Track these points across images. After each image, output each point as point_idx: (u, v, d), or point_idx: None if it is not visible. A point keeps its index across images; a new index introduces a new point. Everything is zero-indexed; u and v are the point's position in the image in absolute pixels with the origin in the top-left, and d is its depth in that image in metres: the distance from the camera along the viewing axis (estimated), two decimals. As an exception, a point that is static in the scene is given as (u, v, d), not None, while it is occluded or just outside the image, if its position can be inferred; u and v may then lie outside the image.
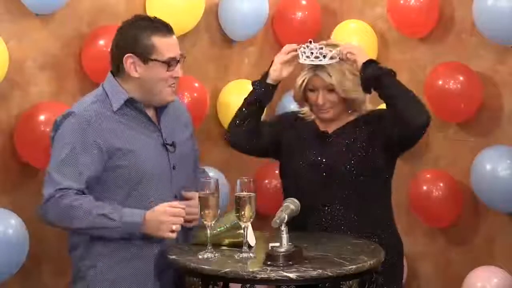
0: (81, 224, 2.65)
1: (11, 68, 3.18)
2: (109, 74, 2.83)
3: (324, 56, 2.92)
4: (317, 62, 2.93)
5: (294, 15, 4.18)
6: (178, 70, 2.78)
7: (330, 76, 2.93)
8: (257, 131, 3.07)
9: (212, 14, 3.95)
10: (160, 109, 2.84)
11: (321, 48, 2.93)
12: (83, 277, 2.78)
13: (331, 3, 4.32)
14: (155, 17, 2.81)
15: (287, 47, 3.02)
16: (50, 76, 3.39)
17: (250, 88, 3.12)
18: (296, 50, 2.97)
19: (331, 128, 3.03)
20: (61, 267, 3.45)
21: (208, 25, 3.94)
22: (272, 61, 3.05)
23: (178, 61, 2.78)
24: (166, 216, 2.63)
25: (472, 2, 3.69)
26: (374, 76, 2.85)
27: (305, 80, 2.97)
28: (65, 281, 3.47)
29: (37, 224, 3.31)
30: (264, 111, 3.12)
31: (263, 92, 3.04)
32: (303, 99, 3.04)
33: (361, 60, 2.89)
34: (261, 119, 3.11)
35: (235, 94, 3.84)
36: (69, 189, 2.66)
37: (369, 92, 2.92)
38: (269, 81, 3.03)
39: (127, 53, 2.73)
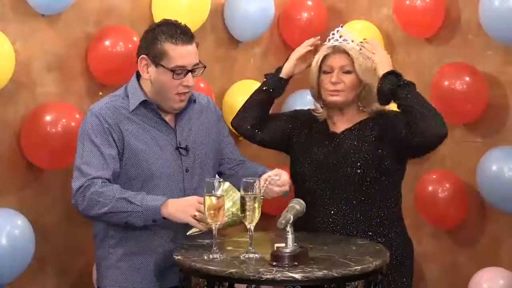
0: (104, 209, 2.69)
1: (18, 69, 3.19)
2: (134, 75, 2.89)
3: (352, 41, 2.98)
4: (343, 42, 2.97)
5: (300, 16, 4.19)
6: (188, 79, 2.79)
7: (348, 54, 2.95)
8: (262, 121, 3.12)
9: (218, 15, 3.96)
10: (179, 113, 2.88)
11: (350, 33, 3.00)
12: (98, 266, 2.88)
13: (337, 4, 4.32)
14: (180, 24, 2.82)
15: (306, 42, 3.09)
16: (57, 77, 3.39)
17: (255, 88, 3.17)
18: (312, 45, 3.04)
19: (340, 129, 3.02)
20: (66, 267, 3.46)
21: (213, 25, 3.95)
22: (289, 56, 3.11)
23: (190, 71, 2.79)
24: (195, 201, 2.65)
25: (478, 2, 3.68)
26: (391, 89, 2.85)
27: (320, 58, 2.98)
28: (71, 281, 3.48)
29: (43, 224, 3.33)
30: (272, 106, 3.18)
31: (273, 84, 3.11)
32: (317, 85, 3.02)
33: (381, 69, 2.89)
34: (276, 114, 3.17)
35: (240, 94, 3.83)
36: (98, 178, 2.72)
37: (386, 104, 2.91)
38: (281, 75, 3.10)
39: (142, 54, 2.79)
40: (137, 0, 3.65)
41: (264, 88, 3.13)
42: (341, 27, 3.02)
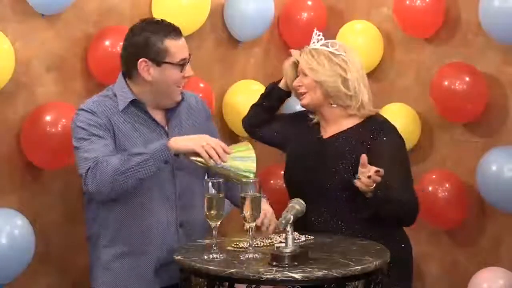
0: (115, 175, 2.65)
1: (18, 69, 3.19)
2: (120, 75, 2.89)
3: (318, 41, 2.98)
4: (311, 45, 2.98)
5: (300, 16, 4.19)
6: (189, 70, 2.86)
7: (300, 55, 2.97)
8: (261, 123, 3.17)
9: (218, 15, 3.96)
10: (170, 111, 2.89)
11: (319, 35, 3.00)
12: (91, 267, 2.89)
13: (337, 4, 4.32)
14: (163, 20, 2.86)
15: (293, 53, 3.09)
16: (56, 77, 3.39)
17: (255, 88, 3.19)
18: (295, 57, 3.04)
19: (327, 134, 2.99)
20: (66, 267, 3.46)
21: (213, 25, 3.95)
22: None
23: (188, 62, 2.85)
24: (207, 136, 2.71)
25: (478, 2, 3.68)
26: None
27: (291, 64, 3.02)
28: (70, 281, 3.48)
29: (43, 224, 3.33)
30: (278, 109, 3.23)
31: (273, 93, 3.15)
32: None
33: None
34: (279, 115, 3.22)
35: (240, 94, 3.84)
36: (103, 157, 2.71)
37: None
38: (280, 85, 3.14)
39: (141, 58, 2.79)
40: (137, 0, 3.65)
41: (264, 96, 3.19)
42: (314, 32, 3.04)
